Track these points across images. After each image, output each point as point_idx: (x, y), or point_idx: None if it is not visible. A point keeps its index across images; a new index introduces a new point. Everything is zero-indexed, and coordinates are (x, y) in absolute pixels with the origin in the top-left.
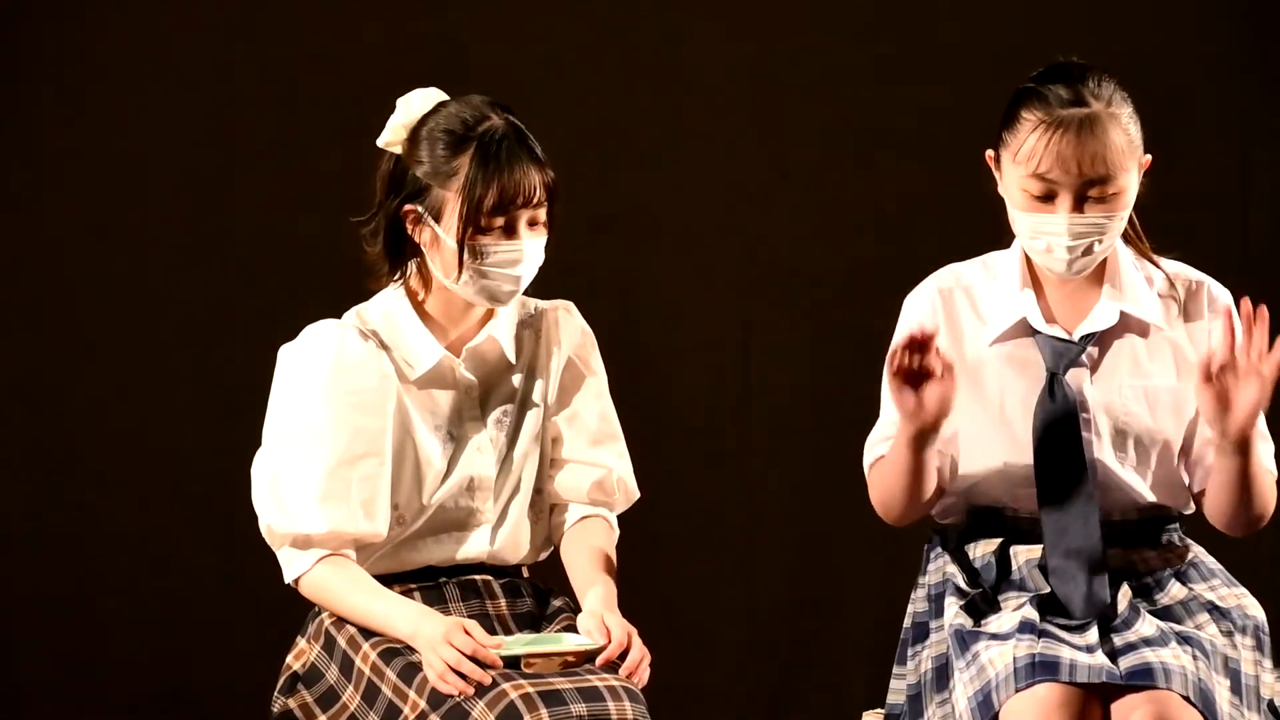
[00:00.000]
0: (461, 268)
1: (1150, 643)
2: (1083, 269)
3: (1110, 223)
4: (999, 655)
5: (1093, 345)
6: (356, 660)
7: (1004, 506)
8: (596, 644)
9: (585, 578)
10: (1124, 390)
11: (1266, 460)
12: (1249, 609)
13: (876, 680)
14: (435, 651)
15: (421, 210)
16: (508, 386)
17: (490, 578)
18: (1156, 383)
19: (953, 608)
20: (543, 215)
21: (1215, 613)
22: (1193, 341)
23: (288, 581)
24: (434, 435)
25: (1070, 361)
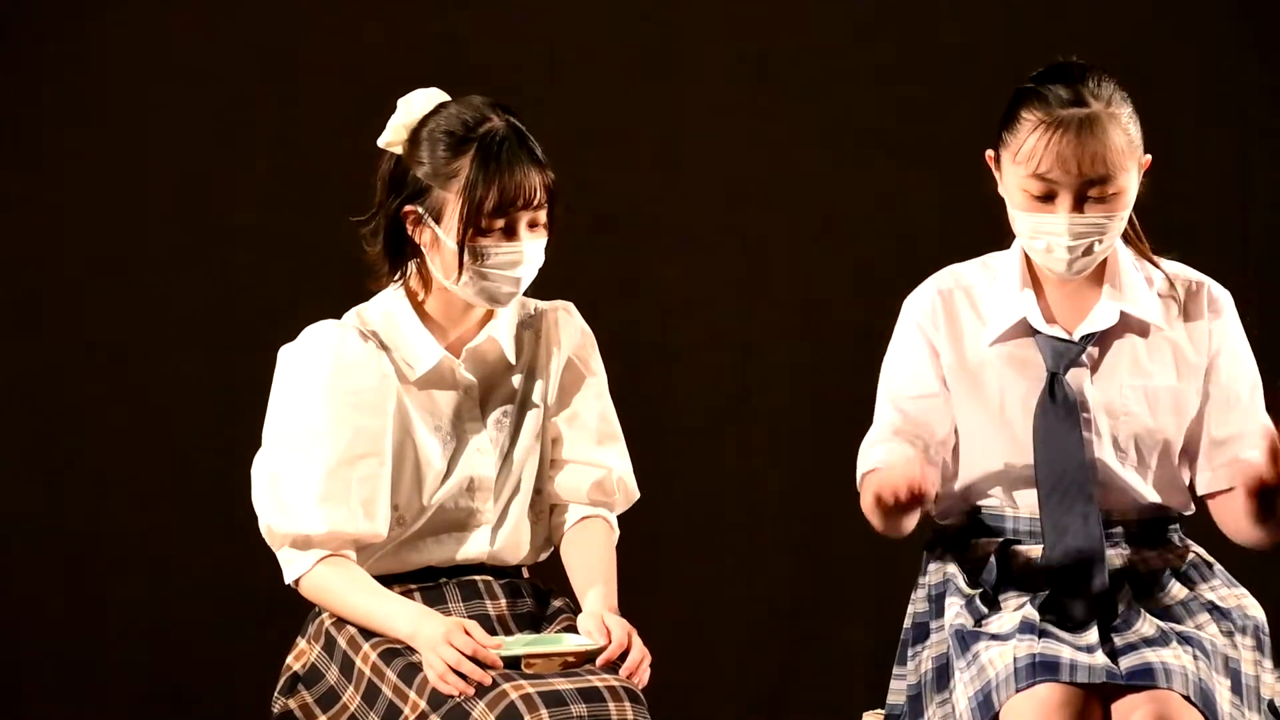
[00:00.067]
0: (461, 269)
1: (1151, 643)
2: (1083, 269)
3: (1110, 223)
4: (999, 655)
5: (1093, 345)
6: (357, 661)
7: (1004, 506)
8: (597, 644)
9: (585, 578)
10: (1124, 390)
11: None
12: (1249, 609)
13: (876, 680)
14: (435, 652)
15: (422, 211)
16: (508, 387)
17: (490, 578)
18: (1157, 383)
19: (953, 608)
20: (543, 217)
21: (1215, 613)
22: (1192, 341)
23: (288, 582)
24: (434, 436)
25: (1070, 361)
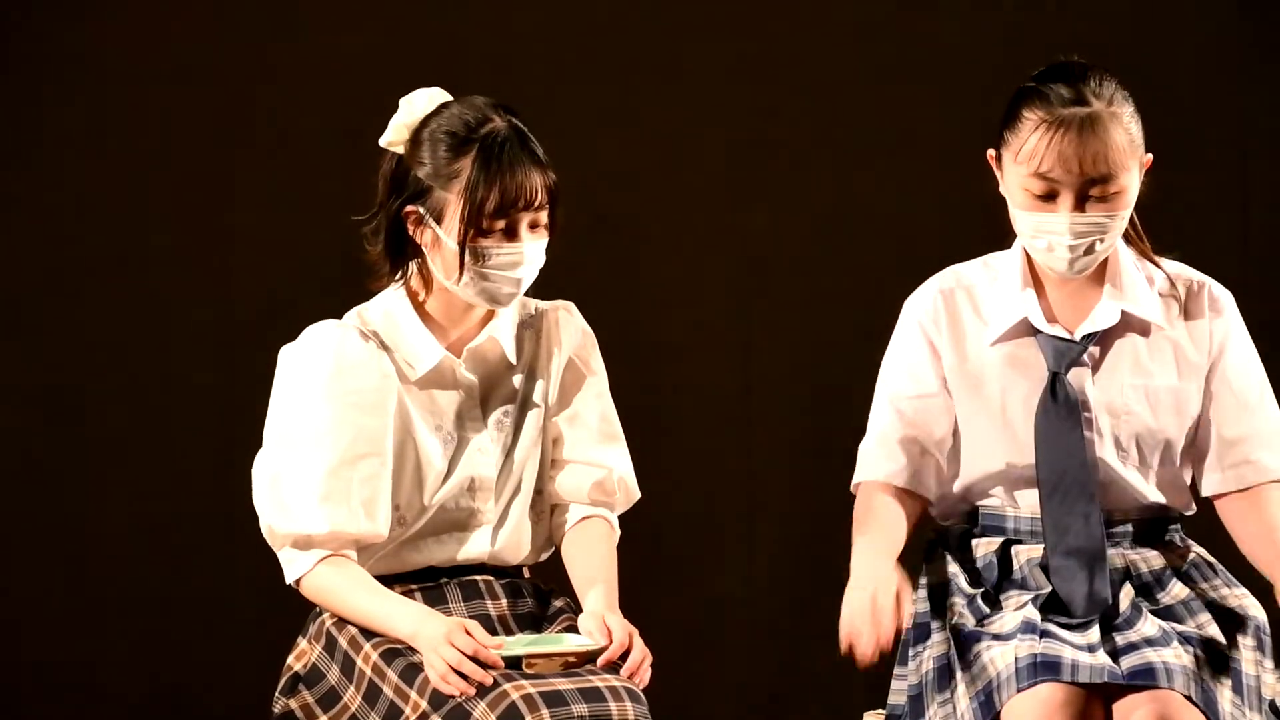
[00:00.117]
0: (462, 269)
1: (1152, 642)
2: (1084, 268)
3: (1112, 222)
4: (1001, 655)
5: (1094, 345)
6: (358, 661)
7: (1005, 506)
8: (598, 644)
9: (586, 578)
10: (1125, 390)
11: None
12: (1250, 609)
13: (877, 680)
14: (437, 652)
15: (423, 211)
16: (508, 387)
17: (491, 578)
18: (1157, 382)
19: (955, 607)
20: (544, 218)
21: (1217, 612)
22: (1193, 340)
23: (289, 582)
24: (435, 436)
25: (1072, 361)
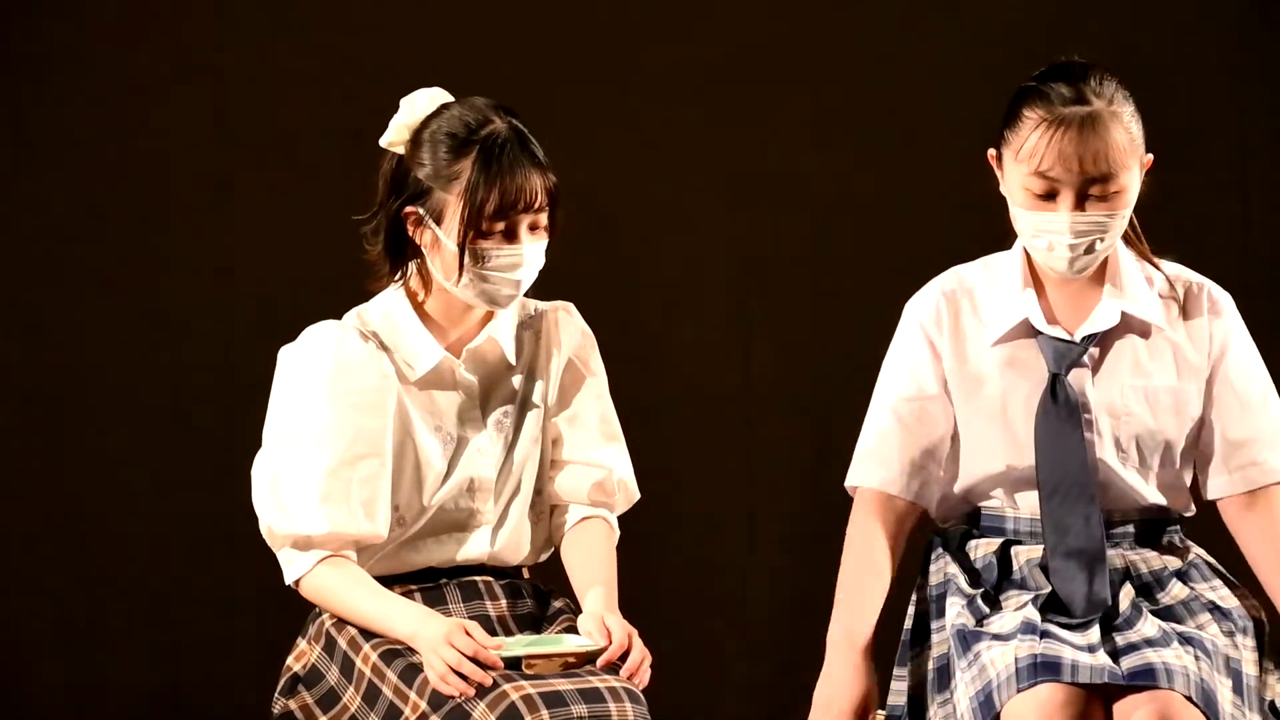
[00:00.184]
0: (461, 271)
1: (1152, 643)
2: (1084, 267)
3: (1112, 221)
4: (1000, 655)
5: (1094, 346)
6: (357, 661)
7: (1004, 507)
8: (597, 645)
9: (586, 579)
10: (1125, 391)
11: None
12: (1250, 609)
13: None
14: (436, 652)
15: (422, 212)
16: (508, 388)
17: (491, 579)
18: (1157, 383)
19: (954, 608)
20: (544, 220)
21: (1217, 613)
22: (1193, 342)
23: (288, 583)
24: (434, 436)
25: (1072, 362)
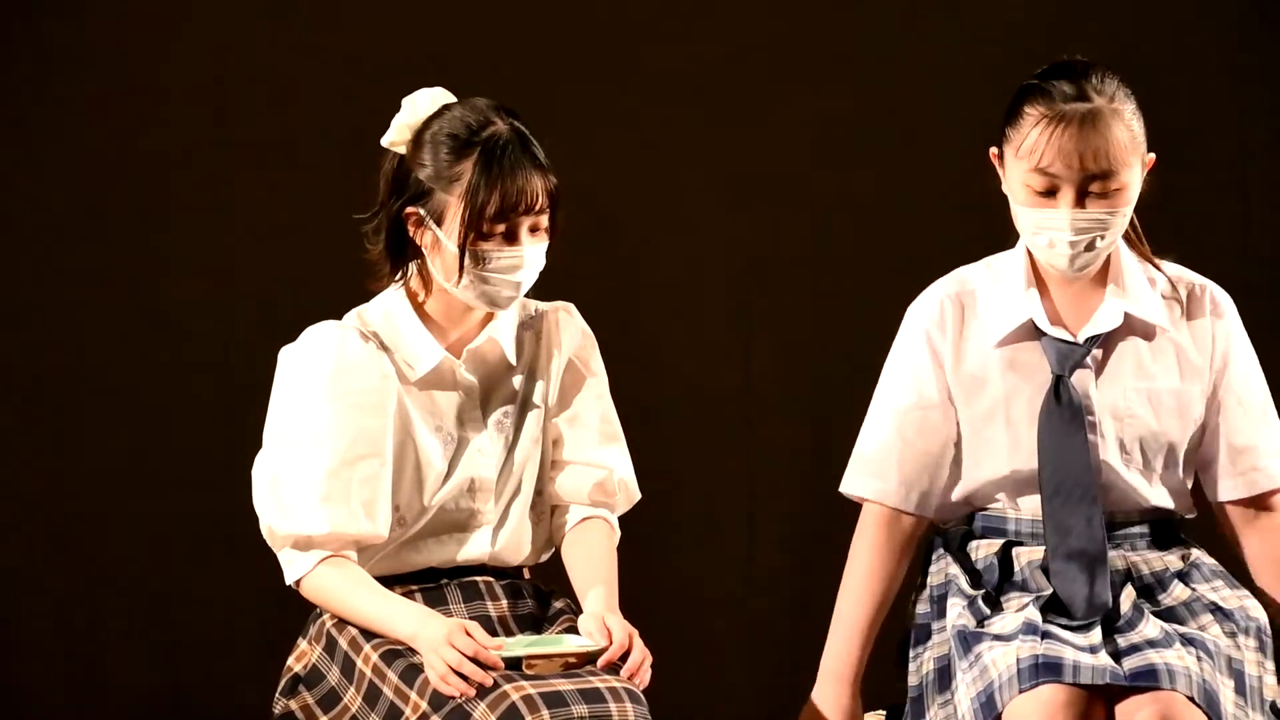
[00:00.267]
0: (462, 272)
1: (1154, 644)
2: (1085, 265)
3: (1113, 218)
4: (1002, 656)
5: (1097, 347)
6: (358, 661)
7: (1006, 509)
8: (598, 645)
9: (586, 579)
10: (1128, 393)
11: None
12: (1251, 610)
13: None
14: (437, 653)
15: (423, 213)
16: (508, 388)
17: (491, 579)
18: (1160, 385)
19: (955, 608)
20: (545, 221)
21: (1218, 614)
22: (1196, 343)
23: (289, 583)
24: (434, 436)
25: (1075, 364)
